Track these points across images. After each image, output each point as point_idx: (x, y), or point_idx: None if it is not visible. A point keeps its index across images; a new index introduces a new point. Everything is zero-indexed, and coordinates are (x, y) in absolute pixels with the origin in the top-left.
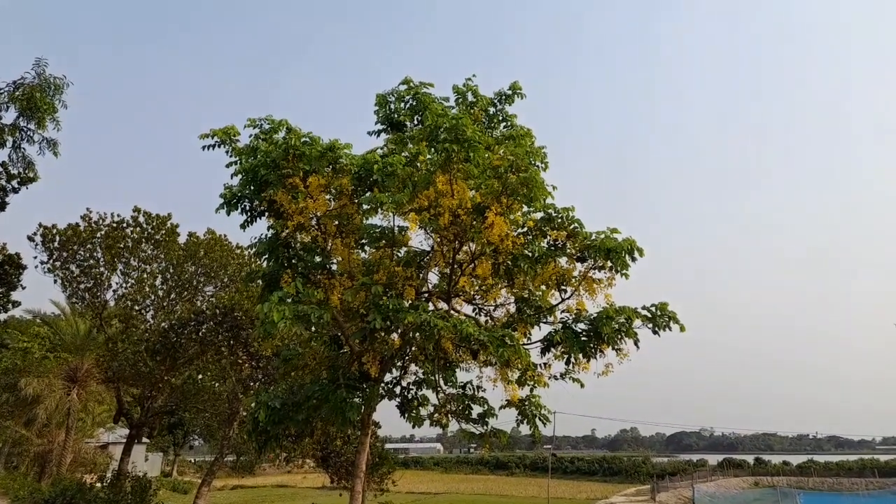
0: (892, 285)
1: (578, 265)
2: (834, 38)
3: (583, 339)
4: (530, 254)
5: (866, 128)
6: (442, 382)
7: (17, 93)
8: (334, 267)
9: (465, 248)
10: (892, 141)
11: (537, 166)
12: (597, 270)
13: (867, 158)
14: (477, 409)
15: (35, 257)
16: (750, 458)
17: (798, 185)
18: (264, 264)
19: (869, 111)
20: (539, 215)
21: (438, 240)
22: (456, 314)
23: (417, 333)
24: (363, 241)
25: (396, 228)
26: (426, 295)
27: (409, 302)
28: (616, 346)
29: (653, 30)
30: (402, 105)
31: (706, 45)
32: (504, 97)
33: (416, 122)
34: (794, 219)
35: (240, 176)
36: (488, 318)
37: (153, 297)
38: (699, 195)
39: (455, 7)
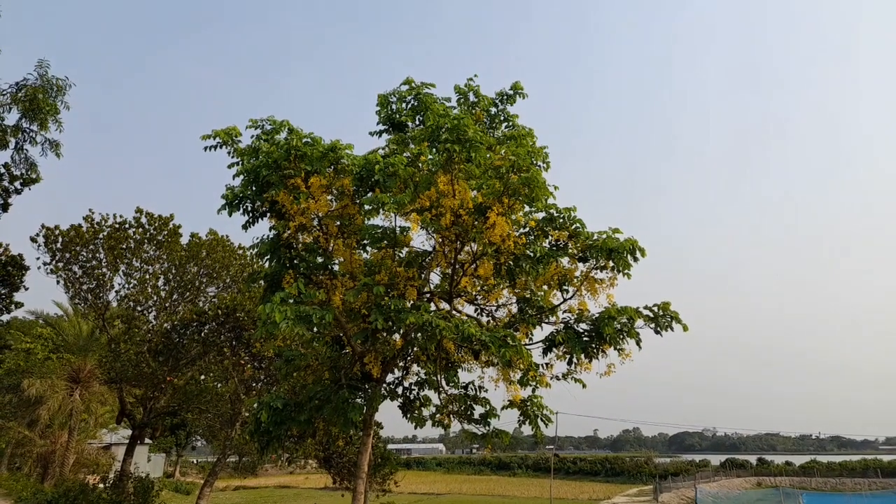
0: None
1: (580, 265)
2: (840, 38)
3: (585, 339)
4: (532, 254)
5: (871, 123)
6: (444, 383)
7: (20, 94)
8: (336, 268)
9: (466, 248)
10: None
11: (539, 166)
12: (598, 270)
13: (874, 154)
14: (479, 410)
15: (38, 258)
16: (753, 459)
17: (805, 181)
18: (266, 265)
19: (871, 109)
20: (541, 215)
21: (440, 240)
22: (458, 315)
23: (419, 334)
24: (365, 241)
25: (398, 229)
26: (428, 295)
27: (411, 302)
28: (618, 347)
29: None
30: (404, 105)
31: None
32: (506, 97)
33: (417, 122)
34: (798, 218)
35: (241, 177)
36: (490, 318)
37: (155, 298)
38: (702, 193)
39: (464, 10)
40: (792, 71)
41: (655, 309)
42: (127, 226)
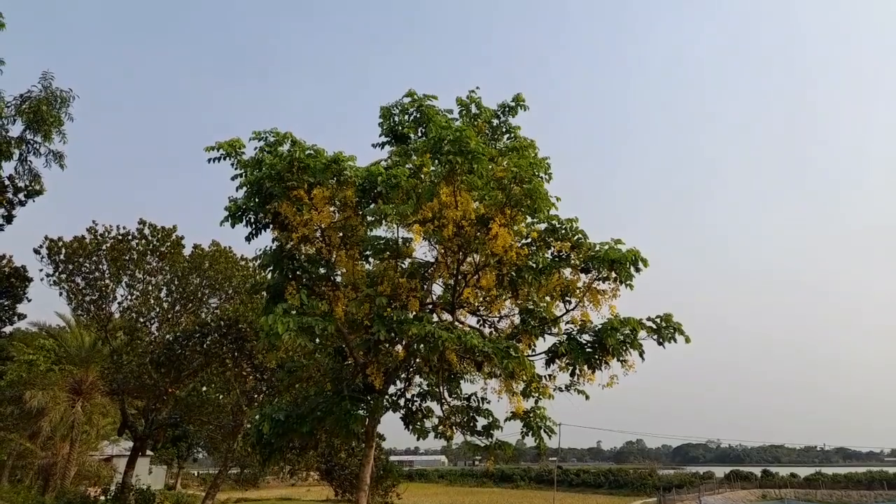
0: None
1: (583, 276)
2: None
3: (587, 350)
4: (534, 265)
5: (843, 130)
6: (446, 394)
7: (24, 106)
8: (339, 278)
9: (469, 259)
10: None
11: (541, 177)
12: (601, 281)
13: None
14: (482, 421)
15: (41, 270)
16: (757, 471)
17: (824, 183)
18: (269, 276)
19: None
20: (543, 226)
21: (442, 251)
22: (460, 325)
23: (422, 345)
24: (367, 252)
25: (400, 240)
26: (430, 306)
27: (414, 313)
28: (621, 358)
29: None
30: (406, 117)
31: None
32: (507, 109)
33: (419, 133)
34: (808, 221)
35: (245, 188)
36: (492, 329)
37: (158, 310)
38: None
39: (460, 21)
40: (823, 66)
41: (658, 320)
42: (130, 237)
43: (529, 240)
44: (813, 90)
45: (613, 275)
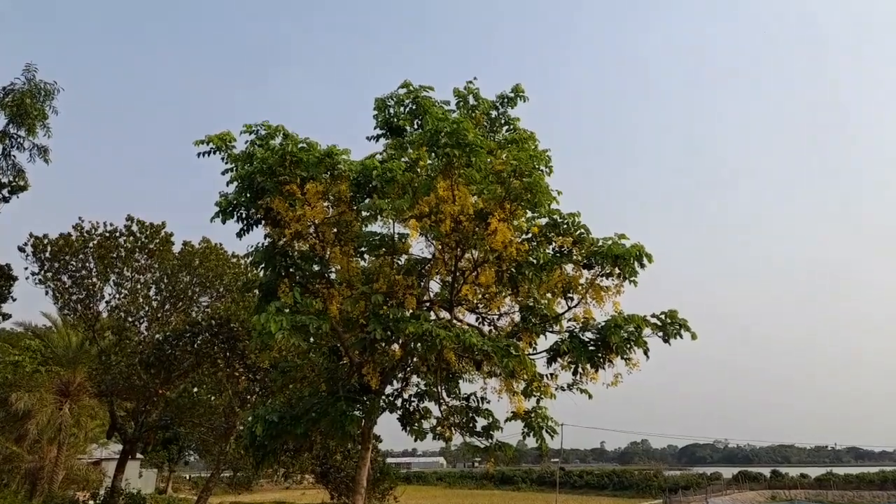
0: None
1: (585, 272)
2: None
3: (590, 348)
4: (535, 261)
5: (866, 126)
6: (445, 394)
7: (7, 99)
8: (333, 276)
9: (467, 255)
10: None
11: (541, 171)
12: (604, 277)
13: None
14: (481, 422)
15: (26, 268)
16: (766, 471)
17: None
18: (261, 273)
19: (865, 109)
20: (544, 221)
21: (440, 247)
22: (458, 324)
23: (419, 344)
24: (362, 248)
25: (396, 236)
26: (428, 304)
27: (410, 311)
28: (625, 356)
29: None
30: (402, 109)
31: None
32: (506, 100)
33: (416, 126)
34: (811, 241)
35: (236, 183)
36: (492, 327)
37: (147, 309)
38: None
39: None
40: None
41: (663, 317)
42: (117, 234)
43: (530, 235)
44: (826, 88)
45: (617, 271)
